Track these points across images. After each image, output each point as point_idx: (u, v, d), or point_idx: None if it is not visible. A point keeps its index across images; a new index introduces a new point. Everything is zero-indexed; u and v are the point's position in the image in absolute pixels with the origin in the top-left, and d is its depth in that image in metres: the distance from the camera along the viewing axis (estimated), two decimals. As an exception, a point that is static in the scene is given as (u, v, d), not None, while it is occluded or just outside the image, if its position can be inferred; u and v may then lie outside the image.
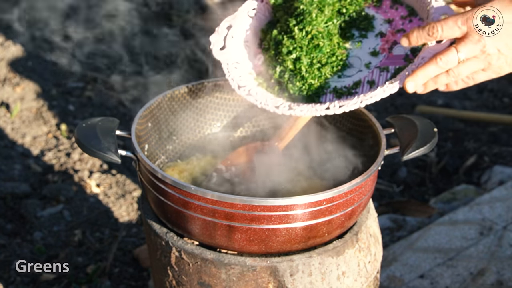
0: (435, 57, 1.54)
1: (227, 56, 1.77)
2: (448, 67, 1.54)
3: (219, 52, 1.78)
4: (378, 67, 1.73)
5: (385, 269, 2.53)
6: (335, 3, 1.75)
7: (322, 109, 1.67)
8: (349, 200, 1.66)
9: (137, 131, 1.79)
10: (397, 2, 1.76)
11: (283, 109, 1.71)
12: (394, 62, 1.72)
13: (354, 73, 1.75)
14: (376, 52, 1.74)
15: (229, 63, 1.77)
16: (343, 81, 1.75)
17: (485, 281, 2.48)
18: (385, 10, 1.76)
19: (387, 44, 1.74)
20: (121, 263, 2.68)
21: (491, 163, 3.18)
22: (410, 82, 1.55)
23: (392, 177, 3.14)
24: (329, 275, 1.69)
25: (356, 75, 1.75)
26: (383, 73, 1.72)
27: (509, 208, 2.77)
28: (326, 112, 1.66)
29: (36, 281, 2.59)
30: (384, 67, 1.73)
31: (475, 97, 3.63)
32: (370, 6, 1.77)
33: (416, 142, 1.76)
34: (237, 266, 1.66)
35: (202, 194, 1.61)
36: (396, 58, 1.73)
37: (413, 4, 1.73)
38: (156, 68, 3.74)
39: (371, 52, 1.75)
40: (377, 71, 1.73)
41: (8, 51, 3.73)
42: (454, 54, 1.52)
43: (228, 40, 1.77)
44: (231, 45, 1.78)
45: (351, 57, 1.76)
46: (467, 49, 1.52)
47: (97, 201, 2.95)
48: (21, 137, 3.26)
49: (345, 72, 1.75)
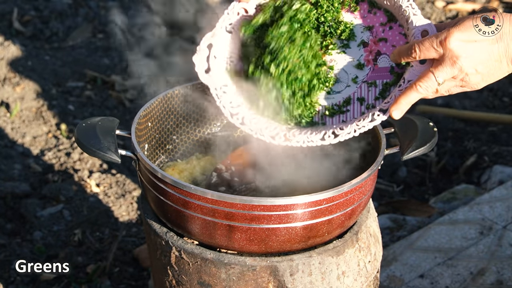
0: (415, 84, 1.59)
1: (213, 80, 1.75)
2: (428, 92, 1.59)
3: (205, 75, 1.75)
4: (365, 82, 1.74)
5: (385, 268, 2.53)
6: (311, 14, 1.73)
7: (317, 140, 1.71)
8: (349, 199, 1.66)
9: (137, 131, 1.79)
10: (375, 6, 1.73)
11: (279, 140, 1.73)
12: (380, 76, 1.73)
13: (343, 88, 1.76)
14: (361, 65, 1.74)
15: (217, 87, 1.75)
16: (333, 98, 1.76)
17: (485, 280, 2.48)
18: (363, 15, 1.74)
19: (371, 55, 1.73)
20: (121, 263, 2.68)
21: (491, 162, 3.18)
22: (396, 111, 1.61)
23: (392, 177, 3.14)
24: (329, 275, 1.69)
25: (345, 91, 1.75)
26: (371, 88, 1.73)
27: (509, 208, 2.77)
28: (322, 142, 1.70)
29: (36, 281, 2.59)
30: (371, 81, 1.73)
31: (475, 97, 3.63)
32: (347, 11, 1.75)
33: (416, 141, 1.76)
34: (237, 266, 1.66)
35: (202, 194, 1.61)
36: (382, 71, 1.73)
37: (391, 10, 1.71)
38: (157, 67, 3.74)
39: (356, 65, 1.74)
40: (365, 86, 1.74)
41: (8, 51, 3.73)
42: (433, 79, 1.57)
43: (211, 61, 1.74)
44: (215, 66, 1.75)
45: (336, 70, 1.75)
46: (444, 73, 1.56)
47: (97, 200, 2.95)
48: (21, 136, 3.26)
49: (333, 88, 1.76)
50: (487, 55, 1.54)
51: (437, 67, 1.57)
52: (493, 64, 1.55)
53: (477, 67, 1.55)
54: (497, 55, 1.54)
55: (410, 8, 1.64)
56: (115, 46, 3.87)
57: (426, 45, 1.56)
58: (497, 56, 1.54)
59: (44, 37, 3.95)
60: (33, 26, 4.01)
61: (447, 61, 1.55)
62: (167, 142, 1.95)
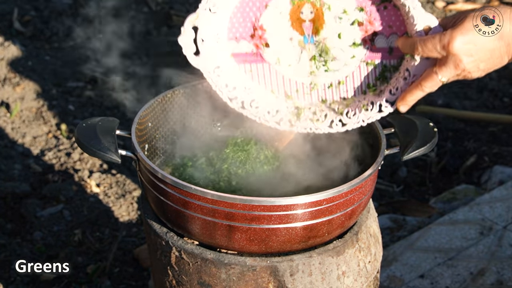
0: (420, 84, 1.64)
1: (205, 63, 1.75)
2: (433, 90, 1.65)
3: (194, 58, 1.74)
4: (364, 61, 1.74)
5: (385, 269, 2.53)
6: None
7: (324, 127, 1.76)
8: (349, 200, 1.66)
9: (137, 131, 1.79)
10: None
11: (284, 125, 1.77)
12: (379, 56, 1.74)
13: (341, 67, 1.76)
14: (357, 44, 1.74)
15: (210, 70, 1.75)
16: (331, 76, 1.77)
17: (485, 281, 2.48)
18: None
19: (367, 35, 1.73)
20: (121, 263, 2.68)
21: (491, 163, 3.18)
22: (403, 106, 1.69)
23: (392, 177, 3.14)
24: (329, 275, 1.69)
25: (344, 70, 1.76)
26: (371, 68, 1.75)
27: (509, 208, 2.77)
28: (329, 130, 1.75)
29: (36, 281, 2.59)
30: (370, 61, 1.74)
31: (475, 97, 3.63)
32: None
33: (416, 142, 1.76)
34: (237, 266, 1.66)
35: (202, 194, 1.61)
36: (381, 51, 1.74)
37: None
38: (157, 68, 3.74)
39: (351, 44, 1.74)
40: (364, 66, 1.75)
41: (8, 51, 3.73)
42: (437, 80, 1.62)
43: (199, 44, 1.74)
44: (204, 49, 1.74)
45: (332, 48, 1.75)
46: (448, 74, 1.61)
47: (97, 201, 2.95)
48: (21, 137, 3.26)
49: (330, 66, 1.76)
50: (489, 54, 1.57)
51: (441, 68, 1.61)
52: (494, 61, 1.59)
53: (479, 65, 1.59)
54: (498, 53, 1.58)
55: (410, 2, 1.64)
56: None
57: (429, 47, 1.59)
58: (498, 54, 1.58)
59: (44, 37, 3.95)
60: (33, 26, 4.01)
61: (450, 63, 1.59)
62: (167, 142, 1.95)
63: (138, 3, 4.25)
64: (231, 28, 1.78)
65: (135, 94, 3.56)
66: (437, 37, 1.59)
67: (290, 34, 1.76)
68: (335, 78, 1.78)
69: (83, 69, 3.69)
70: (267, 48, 1.79)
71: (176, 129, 1.96)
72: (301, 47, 1.77)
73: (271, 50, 1.79)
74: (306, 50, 1.77)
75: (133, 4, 4.23)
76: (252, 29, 1.78)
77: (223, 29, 1.78)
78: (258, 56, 1.80)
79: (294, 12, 1.75)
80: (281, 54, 1.78)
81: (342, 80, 1.78)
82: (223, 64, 1.78)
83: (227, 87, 1.77)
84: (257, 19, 1.77)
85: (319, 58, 1.77)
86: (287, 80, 1.81)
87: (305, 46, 1.77)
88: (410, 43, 1.64)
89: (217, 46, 1.78)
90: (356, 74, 1.77)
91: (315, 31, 1.75)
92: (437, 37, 1.59)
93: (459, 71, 1.60)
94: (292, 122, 1.79)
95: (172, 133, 1.96)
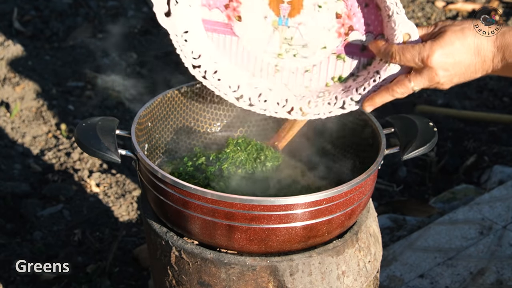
0: (391, 88, 1.65)
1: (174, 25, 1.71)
2: (403, 96, 1.67)
3: (164, 19, 1.72)
4: (334, 53, 1.73)
5: (385, 268, 2.53)
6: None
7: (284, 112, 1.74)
8: (349, 199, 1.66)
9: (137, 131, 1.79)
10: None
11: (243, 103, 1.75)
12: (350, 52, 1.73)
13: (309, 54, 1.74)
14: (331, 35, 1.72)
15: (178, 33, 1.72)
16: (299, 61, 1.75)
17: (485, 280, 2.48)
18: None
19: (343, 28, 1.71)
20: (121, 263, 2.68)
21: (491, 162, 3.18)
22: (369, 106, 1.69)
23: (392, 177, 3.14)
24: (329, 275, 1.69)
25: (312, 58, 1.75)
26: (339, 62, 1.73)
27: (509, 208, 2.77)
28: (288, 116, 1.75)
29: (36, 281, 2.59)
30: (340, 54, 1.73)
31: (475, 97, 3.63)
32: None
33: (416, 141, 1.76)
34: (237, 266, 1.66)
35: (202, 194, 1.61)
36: (353, 48, 1.72)
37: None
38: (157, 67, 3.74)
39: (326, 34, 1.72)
40: (334, 58, 1.73)
41: (8, 50, 3.73)
42: (409, 87, 1.63)
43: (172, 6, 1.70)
44: (176, 12, 1.71)
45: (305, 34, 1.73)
46: (421, 83, 1.62)
47: (97, 200, 2.95)
48: (21, 136, 3.26)
49: (299, 52, 1.74)
50: (464, 69, 1.60)
51: (415, 77, 1.62)
52: (468, 75, 1.62)
53: (453, 79, 1.62)
54: (473, 68, 1.60)
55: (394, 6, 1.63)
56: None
57: (407, 57, 1.61)
58: (473, 69, 1.61)
59: (44, 37, 3.95)
60: (33, 26, 4.01)
61: (425, 75, 1.61)
62: (167, 142, 1.95)
63: (138, 3, 4.25)
64: None
65: (135, 94, 3.57)
66: (417, 48, 1.60)
67: (265, 12, 1.73)
68: (302, 65, 1.76)
69: (83, 69, 3.69)
70: (239, 22, 1.75)
71: (176, 129, 1.96)
72: (274, 27, 1.74)
73: (243, 25, 1.75)
74: (279, 31, 1.74)
75: (133, 4, 4.23)
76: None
77: None
78: (228, 27, 1.76)
79: None
80: (252, 30, 1.75)
81: (309, 68, 1.76)
82: (192, 28, 1.75)
83: (192, 54, 1.74)
84: None
85: (289, 42, 1.74)
86: (253, 58, 1.78)
87: (278, 27, 1.74)
88: (387, 49, 1.64)
89: (189, 10, 1.73)
90: (323, 64, 1.75)
91: (291, 14, 1.72)
92: (416, 48, 1.60)
93: (433, 83, 1.62)
94: (252, 100, 1.76)
95: (172, 133, 1.96)
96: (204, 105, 1.97)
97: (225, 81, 1.76)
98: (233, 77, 1.77)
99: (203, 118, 1.99)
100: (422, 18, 4.20)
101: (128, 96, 3.54)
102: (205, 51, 1.76)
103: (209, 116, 1.99)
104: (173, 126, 1.96)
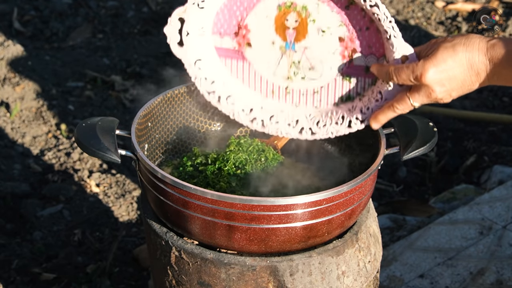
0: (392, 105, 1.71)
1: (187, 54, 1.80)
2: (404, 112, 1.73)
3: (178, 48, 1.81)
4: (340, 75, 1.79)
5: (385, 268, 2.53)
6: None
7: (295, 133, 1.83)
8: (349, 199, 1.66)
9: (137, 131, 1.79)
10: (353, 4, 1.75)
11: (256, 125, 1.85)
12: (356, 73, 1.78)
13: (317, 76, 1.81)
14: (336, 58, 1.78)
15: (191, 62, 1.81)
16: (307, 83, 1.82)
17: (485, 280, 2.49)
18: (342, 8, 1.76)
19: (346, 51, 1.77)
20: (121, 263, 2.68)
21: (491, 162, 3.18)
22: (375, 124, 1.75)
23: (392, 177, 3.14)
24: (329, 275, 1.69)
25: (320, 80, 1.81)
26: (346, 83, 1.79)
27: (509, 208, 2.77)
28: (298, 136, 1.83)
29: (36, 281, 2.59)
30: (347, 75, 1.78)
31: (475, 97, 3.63)
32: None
33: (416, 141, 1.77)
34: (237, 266, 1.66)
35: (202, 194, 1.61)
36: (357, 69, 1.78)
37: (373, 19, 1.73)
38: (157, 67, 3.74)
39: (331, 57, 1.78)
40: (340, 79, 1.79)
41: (8, 51, 3.73)
42: (408, 103, 1.69)
43: (184, 37, 1.79)
44: (188, 41, 1.80)
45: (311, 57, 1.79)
46: (420, 99, 1.67)
47: (97, 200, 2.95)
48: (21, 136, 3.26)
49: (307, 74, 1.81)
50: (461, 83, 1.63)
51: (413, 95, 1.67)
52: (465, 88, 1.66)
53: (451, 93, 1.65)
54: (469, 81, 1.63)
55: (391, 31, 1.66)
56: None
57: (402, 77, 1.65)
58: (469, 82, 1.64)
59: (44, 37, 3.95)
60: (33, 26, 4.01)
61: (423, 92, 1.65)
62: (167, 142, 1.95)
63: (138, 3, 4.25)
64: (217, 23, 1.82)
65: (135, 94, 3.57)
66: (410, 68, 1.64)
67: (273, 38, 1.80)
68: (311, 86, 1.82)
69: (83, 69, 3.69)
70: (249, 48, 1.83)
71: (176, 129, 1.96)
72: (281, 52, 1.81)
73: (253, 50, 1.83)
74: (286, 55, 1.81)
75: (133, 4, 4.23)
76: (237, 27, 1.82)
77: (209, 23, 1.82)
78: (239, 54, 1.84)
79: (280, 18, 1.78)
80: (262, 55, 1.83)
81: (317, 90, 1.82)
82: (204, 56, 1.83)
83: (206, 80, 1.83)
84: (243, 19, 1.81)
85: (297, 65, 1.81)
86: (264, 81, 1.85)
87: (286, 51, 1.81)
88: (385, 71, 1.69)
89: (201, 39, 1.82)
90: (331, 86, 1.81)
91: (297, 39, 1.79)
92: (410, 67, 1.64)
93: (431, 99, 1.66)
94: (264, 123, 1.84)
95: (172, 133, 1.96)
96: (204, 105, 1.97)
97: (238, 105, 1.85)
98: (246, 101, 1.86)
99: (203, 118, 1.99)
100: (422, 18, 4.21)
101: (128, 96, 3.55)
102: (218, 77, 1.85)
103: (209, 116, 1.99)
104: (173, 126, 1.96)
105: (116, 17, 4.14)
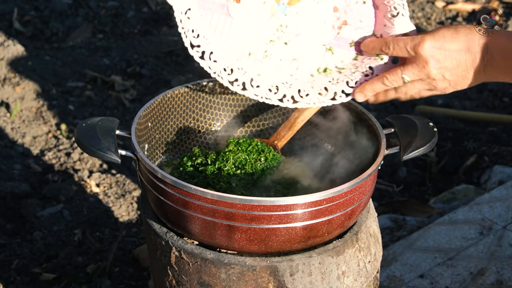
0: (383, 75, 1.69)
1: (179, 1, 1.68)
2: (393, 85, 1.70)
3: None
4: (324, 45, 1.75)
5: (385, 268, 2.53)
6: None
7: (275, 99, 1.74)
8: (349, 200, 1.66)
9: (137, 131, 1.79)
10: None
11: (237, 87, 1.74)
12: (339, 45, 1.75)
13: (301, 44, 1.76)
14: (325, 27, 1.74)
15: (182, 10, 1.69)
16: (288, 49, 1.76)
17: (485, 280, 2.49)
18: None
19: (337, 22, 1.73)
20: (121, 263, 2.68)
21: (491, 163, 3.18)
22: (359, 94, 1.72)
23: (392, 177, 3.14)
24: (329, 275, 1.69)
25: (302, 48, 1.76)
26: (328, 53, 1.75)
27: (509, 208, 2.77)
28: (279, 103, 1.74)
29: (36, 281, 2.59)
30: (329, 47, 1.75)
31: (475, 97, 3.63)
32: None
33: (416, 142, 1.77)
34: (237, 266, 1.66)
35: (202, 194, 1.61)
36: (343, 41, 1.75)
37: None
38: (157, 67, 3.74)
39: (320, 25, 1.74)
40: (323, 50, 1.75)
41: (8, 51, 3.73)
42: (399, 75, 1.67)
43: None
44: None
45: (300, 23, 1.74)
46: (411, 73, 1.66)
47: (97, 200, 2.95)
48: (21, 137, 3.26)
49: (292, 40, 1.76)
50: (455, 64, 1.64)
51: (406, 67, 1.66)
52: (460, 73, 1.65)
53: (444, 74, 1.65)
54: (464, 65, 1.64)
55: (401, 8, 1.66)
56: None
57: (400, 45, 1.65)
58: (464, 66, 1.64)
59: (44, 37, 3.95)
60: (33, 26, 4.01)
61: (416, 64, 1.65)
62: (167, 142, 1.95)
63: (138, 3, 4.25)
64: None
65: (135, 94, 3.57)
66: (410, 37, 1.65)
67: None
68: (291, 53, 1.77)
69: (83, 69, 3.69)
70: (237, 4, 1.76)
71: (176, 129, 1.96)
72: (271, 13, 1.76)
73: (240, 7, 1.76)
74: (275, 17, 1.75)
75: (133, 4, 4.23)
76: None
77: None
78: (225, 8, 1.76)
79: None
80: (248, 14, 1.75)
81: (297, 57, 1.77)
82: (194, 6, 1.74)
83: (193, 33, 1.72)
84: None
85: (284, 29, 1.76)
86: (244, 41, 1.78)
87: (275, 13, 1.75)
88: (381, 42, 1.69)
89: None
90: (312, 55, 1.76)
91: (291, 2, 1.74)
92: (409, 37, 1.65)
93: (423, 75, 1.65)
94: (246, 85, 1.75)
95: (172, 133, 1.96)
96: (204, 105, 1.97)
97: (220, 63, 1.75)
98: (226, 60, 1.76)
99: (203, 118, 1.99)
100: (422, 18, 4.20)
101: (128, 96, 3.55)
102: (203, 31, 1.75)
103: (209, 116, 1.99)
104: (173, 126, 1.96)
105: (116, 17, 4.14)
